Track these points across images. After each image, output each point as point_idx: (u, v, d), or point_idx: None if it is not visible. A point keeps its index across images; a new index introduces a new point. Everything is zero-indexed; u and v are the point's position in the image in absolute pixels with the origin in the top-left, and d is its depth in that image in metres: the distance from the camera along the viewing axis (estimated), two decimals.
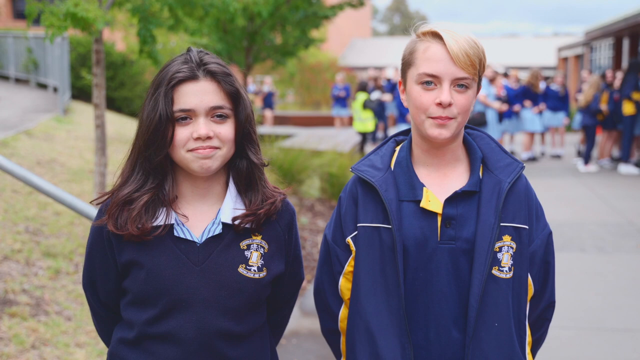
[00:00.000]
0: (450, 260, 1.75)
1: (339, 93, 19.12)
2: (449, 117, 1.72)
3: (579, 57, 24.87)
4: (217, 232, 1.73)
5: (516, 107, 13.39)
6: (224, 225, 1.73)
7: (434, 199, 1.77)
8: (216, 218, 1.74)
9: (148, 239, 1.69)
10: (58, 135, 9.82)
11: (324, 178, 8.83)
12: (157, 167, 1.69)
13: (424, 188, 1.78)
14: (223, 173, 1.77)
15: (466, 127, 1.88)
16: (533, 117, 13.68)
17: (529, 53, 36.62)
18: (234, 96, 1.70)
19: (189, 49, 1.72)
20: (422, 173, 1.82)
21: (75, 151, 8.98)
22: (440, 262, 1.75)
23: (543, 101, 14.01)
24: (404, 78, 1.81)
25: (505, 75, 14.35)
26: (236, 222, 1.73)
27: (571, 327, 4.83)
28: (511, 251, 1.77)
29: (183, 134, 1.65)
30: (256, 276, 1.74)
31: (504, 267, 1.76)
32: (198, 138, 1.64)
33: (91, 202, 1.86)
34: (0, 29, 19.83)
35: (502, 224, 1.76)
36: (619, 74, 13.00)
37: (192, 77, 1.66)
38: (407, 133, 1.91)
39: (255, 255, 1.75)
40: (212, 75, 1.67)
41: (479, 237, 1.74)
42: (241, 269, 1.73)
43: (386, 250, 1.77)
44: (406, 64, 1.79)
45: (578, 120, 13.40)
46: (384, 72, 18.15)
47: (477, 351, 1.74)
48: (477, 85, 1.77)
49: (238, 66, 10.47)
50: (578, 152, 13.77)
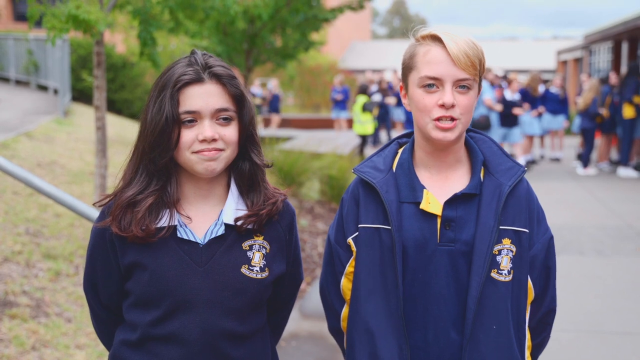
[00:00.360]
0: (449, 262, 1.76)
1: (337, 96, 19.12)
2: (453, 118, 1.73)
3: (578, 61, 24.89)
4: (220, 233, 1.73)
5: (515, 110, 13.39)
6: (226, 226, 1.74)
7: (434, 201, 1.78)
8: (218, 219, 1.74)
9: (152, 241, 1.69)
10: (58, 137, 9.82)
11: (324, 180, 8.82)
12: (162, 169, 1.70)
13: (424, 190, 1.79)
14: (225, 174, 1.78)
15: (468, 130, 1.89)
16: (532, 121, 13.69)
17: (529, 56, 36.64)
18: (239, 99, 1.70)
19: (193, 52, 1.73)
20: (424, 175, 1.83)
21: (75, 153, 8.98)
22: (439, 264, 1.76)
23: (542, 104, 14.02)
24: (405, 82, 1.82)
25: (504, 78, 14.37)
26: (238, 223, 1.74)
27: (570, 330, 4.84)
28: (511, 254, 1.77)
29: (188, 136, 1.66)
30: (259, 276, 1.75)
31: (503, 270, 1.77)
32: (203, 140, 1.65)
33: (94, 204, 1.86)
34: (0, 31, 19.85)
35: (502, 227, 1.77)
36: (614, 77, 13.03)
37: (198, 80, 1.66)
38: (410, 135, 1.92)
39: (257, 255, 1.76)
40: (218, 78, 1.68)
41: (478, 240, 1.75)
42: (244, 270, 1.74)
43: (386, 251, 1.78)
44: (407, 68, 1.80)
45: (577, 123, 13.41)
46: (382, 75, 18.16)
47: (475, 353, 1.75)
48: (478, 86, 1.78)
49: (238, 69, 10.48)
50: (578, 156, 13.79)
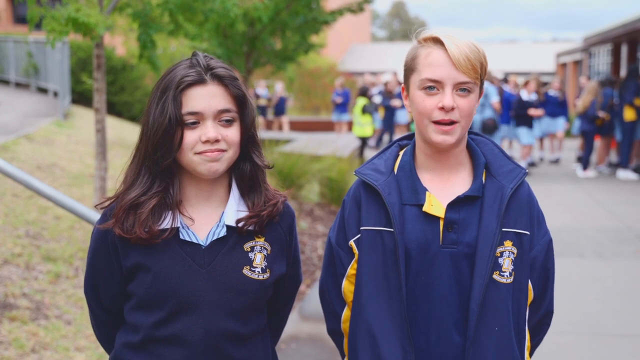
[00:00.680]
0: (451, 264, 1.76)
1: (337, 99, 19.13)
2: (453, 121, 1.73)
3: (578, 63, 24.91)
4: (222, 235, 1.74)
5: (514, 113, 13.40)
6: (228, 227, 1.75)
7: (437, 203, 1.78)
8: (220, 221, 1.75)
9: (156, 242, 1.69)
10: (58, 139, 9.82)
11: (324, 183, 8.82)
12: (165, 171, 1.70)
13: (427, 192, 1.79)
14: (226, 176, 1.78)
15: (470, 133, 1.90)
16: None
17: (528, 59, 36.67)
18: (240, 100, 1.71)
19: (195, 53, 1.73)
20: (425, 177, 1.83)
21: (75, 155, 8.98)
22: (441, 266, 1.77)
23: (542, 107, 14.03)
24: (407, 84, 1.82)
25: (504, 80, 14.38)
26: (240, 225, 1.74)
27: (569, 332, 4.84)
28: (512, 256, 1.78)
29: (191, 137, 1.66)
30: (260, 277, 1.76)
31: (505, 272, 1.77)
32: (207, 141, 1.65)
33: (95, 207, 1.86)
34: (0, 34, 19.85)
35: (504, 229, 1.77)
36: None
37: (200, 81, 1.67)
38: (411, 137, 1.93)
39: (259, 256, 1.77)
40: (220, 79, 1.69)
41: (481, 242, 1.75)
42: (246, 271, 1.74)
43: (388, 253, 1.78)
44: (408, 70, 1.81)
45: (577, 126, 13.42)
46: (380, 78, 18.17)
47: (477, 355, 1.75)
48: (479, 89, 1.78)
49: (238, 71, 10.49)
50: (577, 158, 13.79)
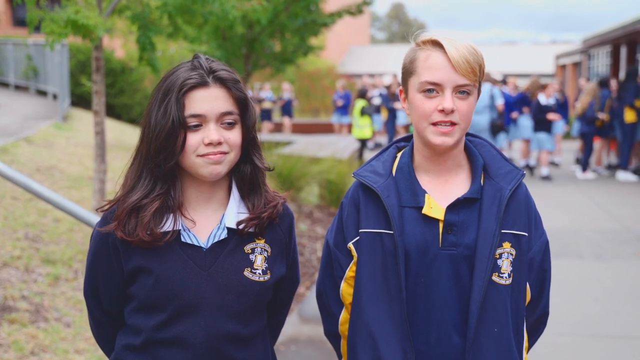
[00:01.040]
0: (451, 266, 1.77)
1: (338, 101, 19.13)
2: (453, 123, 1.74)
3: (577, 65, 24.93)
4: (223, 237, 1.74)
5: (514, 115, 13.42)
6: (228, 229, 1.75)
7: (436, 206, 1.79)
8: (221, 223, 1.75)
9: (159, 245, 1.70)
10: (58, 142, 9.82)
11: (323, 185, 8.82)
12: (167, 173, 1.70)
13: (426, 194, 1.80)
14: (226, 178, 1.79)
15: (467, 134, 1.90)
16: (529, 124, 13.69)
17: (527, 60, 36.70)
18: (242, 102, 1.72)
19: (196, 56, 1.74)
20: (424, 179, 1.83)
21: (74, 158, 8.98)
22: (441, 268, 1.77)
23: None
24: (405, 86, 1.82)
25: (503, 82, 14.39)
26: (240, 227, 1.75)
27: (568, 334, 4.84)
28: (511, 258, 1.79)
29: (194, 140, 1.67)
30: (261, 279, 1.77)
31: (504, 274, 1.78)
32: (209, 144, 1.66)
33: (96, 210, 1.87)
34: (0, 36, 19.86)
35: (503, 231, 1.78)
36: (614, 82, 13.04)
37: (203, 84, 1.68)
38: (409, 139, 1.93)
39: (259, 258, 1.77)
40: (222, 81, 1.69)
41: (480, 244, 1.76)
42: (247, 273, 1.75)
43: (388, 255, 1.78)
44: (407, 73, 1.81)
45: (576, 127, 13.42)
46: (381, 79, 18.16)
47: (477, 356, 1.76)
48: (477, 91, 1.79)
49: (237, 73, 10.47)
50: (577, 160, 13.79)
